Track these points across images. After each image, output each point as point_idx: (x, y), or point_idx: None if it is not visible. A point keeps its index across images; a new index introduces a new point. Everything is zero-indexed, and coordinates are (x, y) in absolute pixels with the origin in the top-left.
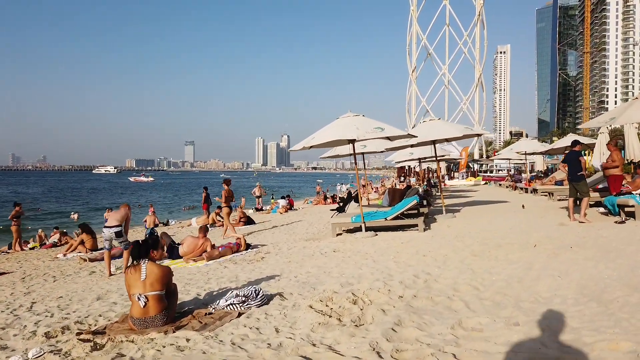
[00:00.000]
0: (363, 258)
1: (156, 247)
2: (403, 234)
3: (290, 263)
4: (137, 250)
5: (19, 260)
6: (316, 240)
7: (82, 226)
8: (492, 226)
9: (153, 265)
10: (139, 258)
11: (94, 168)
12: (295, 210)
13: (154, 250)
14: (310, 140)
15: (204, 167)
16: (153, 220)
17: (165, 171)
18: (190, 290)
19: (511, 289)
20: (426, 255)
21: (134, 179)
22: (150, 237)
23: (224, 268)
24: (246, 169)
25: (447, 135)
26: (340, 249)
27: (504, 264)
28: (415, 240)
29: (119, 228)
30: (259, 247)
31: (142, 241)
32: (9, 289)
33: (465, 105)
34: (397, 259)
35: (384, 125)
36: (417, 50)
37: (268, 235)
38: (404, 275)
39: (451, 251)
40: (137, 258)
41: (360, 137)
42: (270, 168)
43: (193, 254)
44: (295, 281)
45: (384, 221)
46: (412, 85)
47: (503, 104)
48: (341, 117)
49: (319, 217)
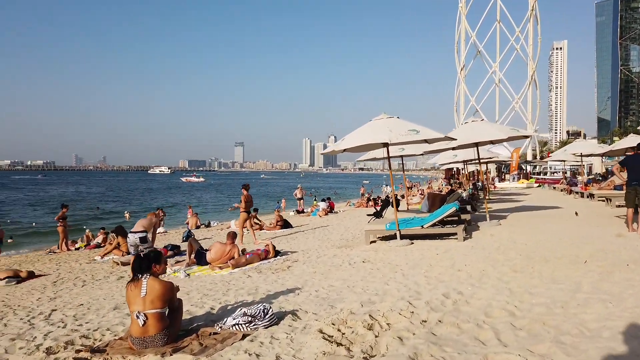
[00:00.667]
0: (392, 271)
1: (159, 260)
2: (440, 244)
3: (315, 274)
4: (138, 264)
5: (59, 261)
6: (348, 248)
7: (117, 230)
8: (540, 236)
9: (155, 281)
10: (140, 272)
11: (149, 168)
12: (335, 213)
13: (156, 264)
14: (341, 143)
15: (252, 168)
16: (195, 221)
17: (214, 171)
18: (205, 303)
19: (552, 317)
20: (461, 269)
21: (185, 179)
22: (152, 250)
23: (247, 277)
24: (293, 169)
25: (490, 137)
26: (370, 259)
27: (547, 283)
28: (452, 252)
29: (144, 234)
30: (288, 254)
31: (143, 254)
32: (39, 293)
33: (518, 104)
34: (428, 273)
35: (419, 127)
36: (466, 48)
37: (301, 240)
38: (433, 294)
39: (490, 265)
40: (138, 272)
41: (392, 140)
42: (317, 169)
43: (220, 260)
44: (314, 296)
45: (420, 229)
46: (460, 84)
47: (559, 103)
48: (374, 119)
49: (357, 222)
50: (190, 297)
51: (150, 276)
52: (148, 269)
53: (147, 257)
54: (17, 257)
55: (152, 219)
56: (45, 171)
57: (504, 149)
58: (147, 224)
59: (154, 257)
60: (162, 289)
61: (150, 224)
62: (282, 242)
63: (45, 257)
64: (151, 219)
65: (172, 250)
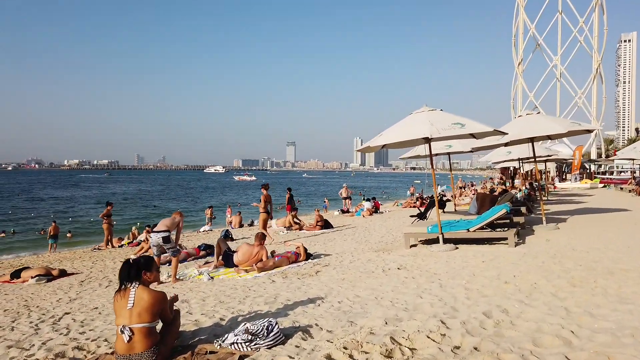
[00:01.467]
0: (428, 280)
1: (150, 267)
2: (488, 249)
3: (344, 281)
4: (126, 272)
5: (98, 259)
6: (386, 252)
7: (150, 228)
8: (603, 243)
9: (144, 291)
10: (128, 280)
11: (205, 168)
12: (380, 214)
13: (147, 271)
14: (378, 139)
15: (304, 167)
16: (239, 220)
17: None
18: (217, 312)
19: (620, 349)
20: (509, 281)
21: (238, 178)
22: (142, 256)
23: (270, 283)
24: (344, 168)
25: (547, 131)
26: (407, 265)
27: (613, 303)
28: (501, 259)
29: (167, 233)
30: (321, 258)
31: (132, 260)
32: (62, 292)
33: (581, 99)
34: (470, 284)
35: (464, 120)
36: (524, 41)
37: (339, 242)
38: (472, 312)
39: (543, 277)
40: (126, 281)
41: (434, 134)
42: (369, 168)
43: (248, 263)
44: (335, 309)
45: (465, 232)
46: (518, 79)
47: (628, 98)
48: (415, 112)
49: (401, 223)
50: (204, 304)
51: (140, 285)
52: (137, 277)
53: (136, 263)
54: (65, 254)
55: (176, 218)
56: (110, 170)
57: (565, 147)
58: (170, 223)
59: (144, 264)
60: (152, 300)
61: (173, 224)
62: (318, 243)
63: (88, 254)
64: (174, 218)
65: (205, 250)
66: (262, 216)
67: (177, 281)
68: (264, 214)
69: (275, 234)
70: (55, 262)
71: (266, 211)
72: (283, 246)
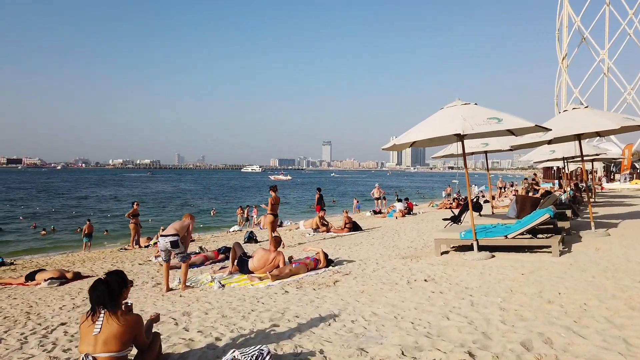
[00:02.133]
0: (458, 296)
1: (122, 285)
2: (528, 259)
3: (362, 294)
4: (97, 293)
5: (119, 260)
6: (414, 259)
7: None
8: None
9: (114, 315)
10: (98, 303)
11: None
12: (414, 215)
13: (120, 293)
14: (405, 136)
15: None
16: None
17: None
18: (216, 329)
19: None
20: (552, 301)
21: (273, 177)
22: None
23: (283, 294)
24: (380, 168)
25: (597, 127)
26: (435, 276)
27: None
28: (543, 271)
29: (175, 238)
30: (343, 264)
31: (104, 278)
32: (69, 298)
33: (631, 95)
34: (506, 303)
35: (502, 114)
36: (568, 35)
37: (365, 246)
38: (507, 341)
39: (594, 297)
40: (96, 303)
41: (466, 130)
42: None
43: (263, 269)
44: (346, 330)
45: (503, 239)
46: (562, 75)
47: None
48: (446, 106)
49: (434, 226)
50: (205, 318)
51: (111, 308)
52: (111, 300)
53: (106, 282)
54: (93, 254)
55: (186, 220)
56: (152, 169)
57: (614, 145)
58: (180, 226)
59: (117, 282)
60: (123, 326)
61: (183, 227)
62: (343, 247)
63: (113, 255)
64: (184, 221)
65: (225, 254)
66: (269, 218)
67: (187, 288)
68: (271, 216)
69: (302, 235)
70: (78, 262)
71: (274, 213)
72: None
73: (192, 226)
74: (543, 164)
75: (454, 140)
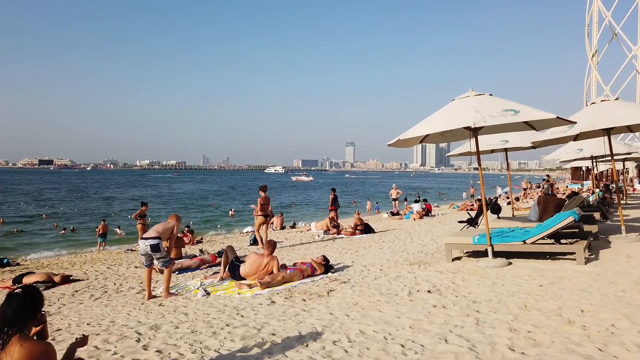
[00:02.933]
0: (463, 312)
1: (36, 305)
2: (549, 267)
3: (355, 307)
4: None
5: (116, 262)
6: (423, 266)
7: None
8: None
9: (17, 343)
10: (12, 325)
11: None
12: (432, 217)
13: (33, 313)
14: (412, 130)
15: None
16: (280, 222)
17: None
18: (178, 348)
19: None
20: (574, 321)
21: (295, 178)
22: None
23: (268, 305)
24: (404, 169)
25: (628, 120)
26: (441, 286)
27: None
28: (565, 282)
29: (156, 241)
30: (343, 270)
31: (13, 294)
32: (48, 304)
33: None
34: (519, 323)
35: (519, 106)
36: (599, 31)
37: (373, 250)
38: None
39: (625, 316)
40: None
41: (478, 123)
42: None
43: (256, 275)
44: (324, 354)
45: (521, 245)
46: (592, 72)
47: None
48: (458, 98)
49: (451, 229)
50: (172, 334)
51: (18, 334)
52: (24, 322)
53: (12, 303)
54: (98, 255)
55: (171, 222)
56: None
57: None
58: (163, 229)
59: (27, 303)
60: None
61: (166, 229)
62: (350, 251)
63: (113, 257)
64: (169, 222)
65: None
66: (259, 219)
67: (170, 295)
68: (261, 217)
69: (312, 237)
70: (78, 263)
71: (264, 214)
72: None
73: (178, 228)
74: (571, 163)
75: (468, 136)
